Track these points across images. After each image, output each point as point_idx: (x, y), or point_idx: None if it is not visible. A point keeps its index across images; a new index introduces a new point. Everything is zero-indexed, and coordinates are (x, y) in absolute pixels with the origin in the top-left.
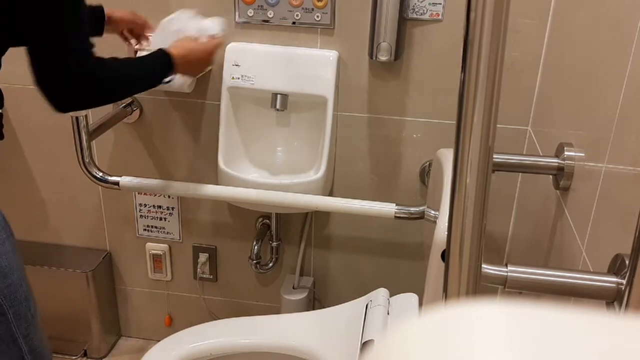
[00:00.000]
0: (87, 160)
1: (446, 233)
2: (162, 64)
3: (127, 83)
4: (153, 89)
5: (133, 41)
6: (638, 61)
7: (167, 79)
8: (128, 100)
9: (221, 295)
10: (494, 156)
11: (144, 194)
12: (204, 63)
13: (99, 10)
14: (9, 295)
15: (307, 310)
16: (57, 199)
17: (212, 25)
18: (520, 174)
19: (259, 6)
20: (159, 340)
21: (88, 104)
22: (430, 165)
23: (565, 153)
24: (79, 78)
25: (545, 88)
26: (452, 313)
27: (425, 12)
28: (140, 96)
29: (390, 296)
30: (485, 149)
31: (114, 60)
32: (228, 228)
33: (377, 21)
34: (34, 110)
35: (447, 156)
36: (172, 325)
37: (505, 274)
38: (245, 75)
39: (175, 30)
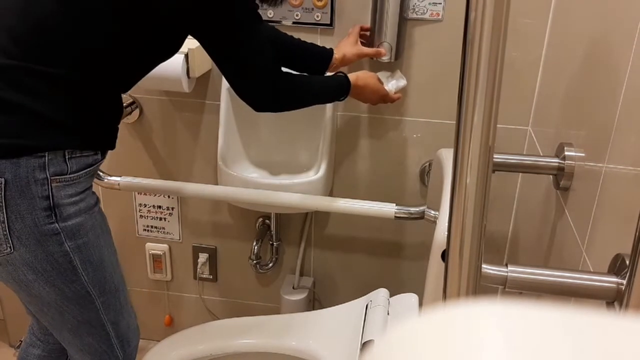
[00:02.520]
0: None
1: (446, 233)
2: (339, 88)
3: (307, 96)
4: (153, 88)
5: None
6: (638, 61)
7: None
8: (128, 100)
9: (221, 295)
10: (494, 156)
11: (144, 194)
12: (374, 100)
13: (327, 53)
14: (99, 286)
15: (307, 310)
16: None
17: (400, 81)
18: (520, 174)
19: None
20: (159, 340)
21: (274, 109)
22: (430, 165)
23: (566, 153)
24: (261, 87)
25: (545, 87)
26: (452, 313)
27: (425, 12)
28: (140, 96)
29: (390, 296)
30: (485, 149)
31: (298, 75)
32: (228, 228)
33: (377, 21)
34: None
35: (447, 156)
36: (172, 325)
37: (505, 274)
38: None
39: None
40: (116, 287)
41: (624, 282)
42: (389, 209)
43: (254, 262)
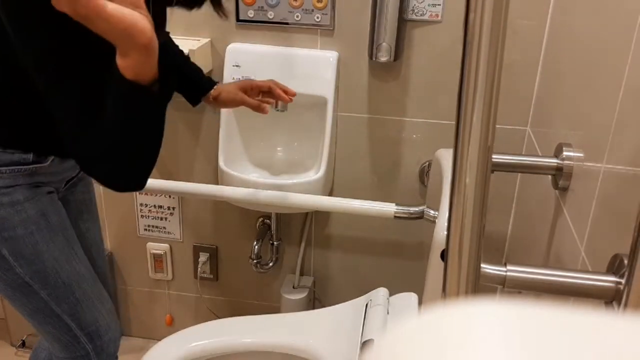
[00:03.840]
0: None
1: (445, 233)
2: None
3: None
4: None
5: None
6: (637, 61)
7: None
8: None
9: (221, 295)
10: (493, 156)
11: (145, 193)
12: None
13: (208, 83)
14: (39, 279)
15: (307, 310)
16: None
17: None
18: (519, 174)
19: (259, 7)
20: (160, 340)
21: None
22: (429, 165)
23: (564, 153)
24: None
25: (544, 88)
26: (451, 312)
27: (424, 13)
28: None
29: (390, 296)
30: (484, 149)
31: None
32: (228, 228)
33: (376, 22)
34: None
35: (446, 156)
36: (172, 324)
37: (505, 273)
38: (246, 76)
39: None
40: (66, 282)
41: (623, 281)
42: (388, 208)
43: (254, 261)
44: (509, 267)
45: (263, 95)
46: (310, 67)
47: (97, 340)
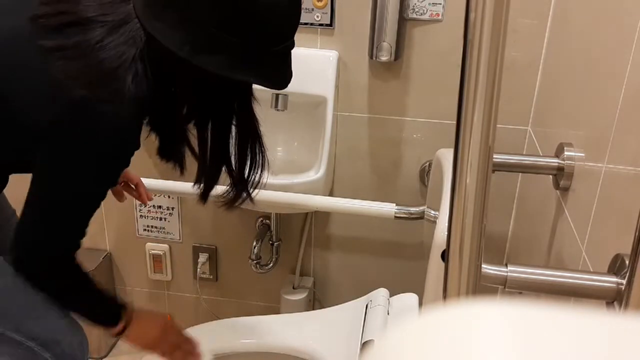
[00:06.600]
0: None
1: (446, 233)
2: (108, 320)
3: (72, 298)
4: None
5: None
6: (638, 61)
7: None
8: None
9: (221, 295)
10: (494, 156)
11: None
12: (155, 345)
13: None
14: None
15: (307, 310)
16: None
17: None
18: (520, 174)
19: None
20: None
21: (34, 280)
22: (430, 165)
23: (565, 153)
24: (50, 262)
25: (545, 88)
26: (452, 313)
27: (425, 12)
28: None
29: (390, 296)
30: (485, 149)
31: (86, 277)
32: (228, 228)
33: (377, 21)
34: None
35: (447, 156)
36: None
37: (505, 274)
38: None
39: None
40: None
41: (624, 282)
42: (389, 209)
43: (254, 262)
44: (509, 268)
45: (125, 186)
46: (310, 67)
47: (54, 347)
